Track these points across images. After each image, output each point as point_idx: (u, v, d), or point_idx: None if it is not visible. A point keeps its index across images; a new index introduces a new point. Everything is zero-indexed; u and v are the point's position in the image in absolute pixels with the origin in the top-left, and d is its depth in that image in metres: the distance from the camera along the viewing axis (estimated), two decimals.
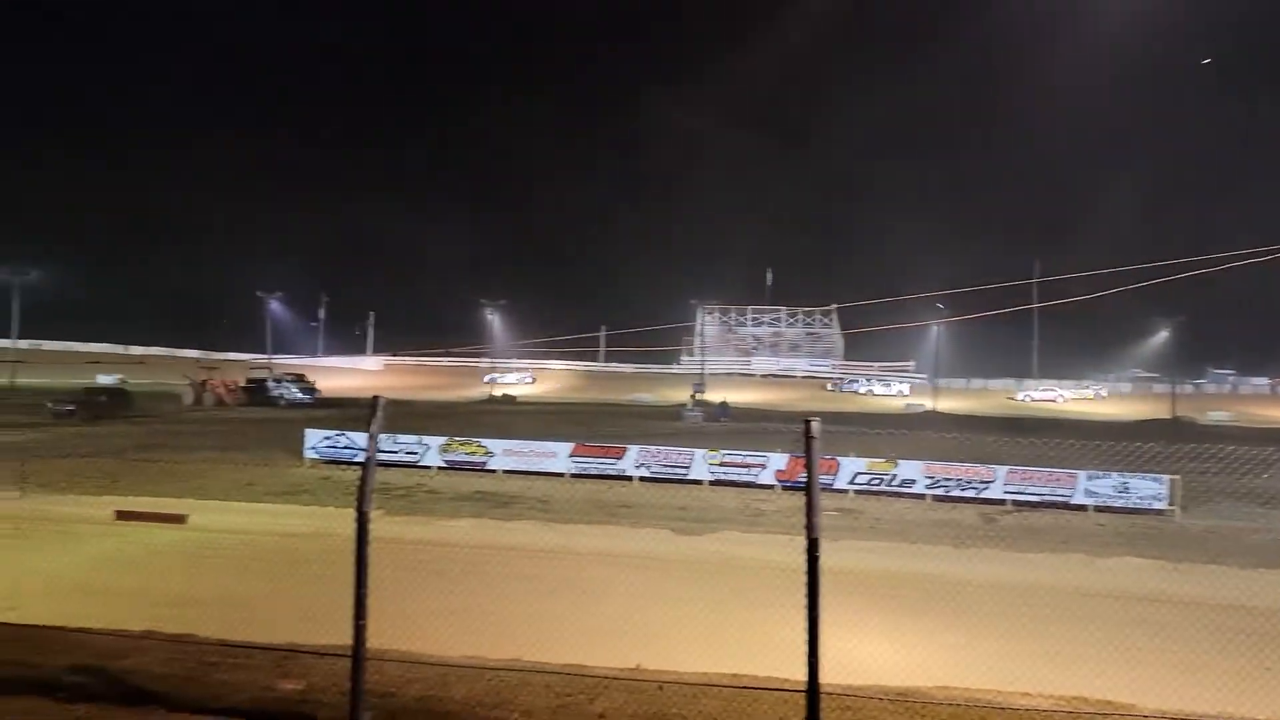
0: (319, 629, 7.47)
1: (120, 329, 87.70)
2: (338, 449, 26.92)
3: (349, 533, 8.33)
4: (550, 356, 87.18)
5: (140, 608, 9.35)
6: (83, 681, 6.57)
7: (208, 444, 31.23)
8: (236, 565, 12.96)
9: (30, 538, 11.09)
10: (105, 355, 76.48)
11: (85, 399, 42.78)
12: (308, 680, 6.47)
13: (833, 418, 6.14)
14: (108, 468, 23.43)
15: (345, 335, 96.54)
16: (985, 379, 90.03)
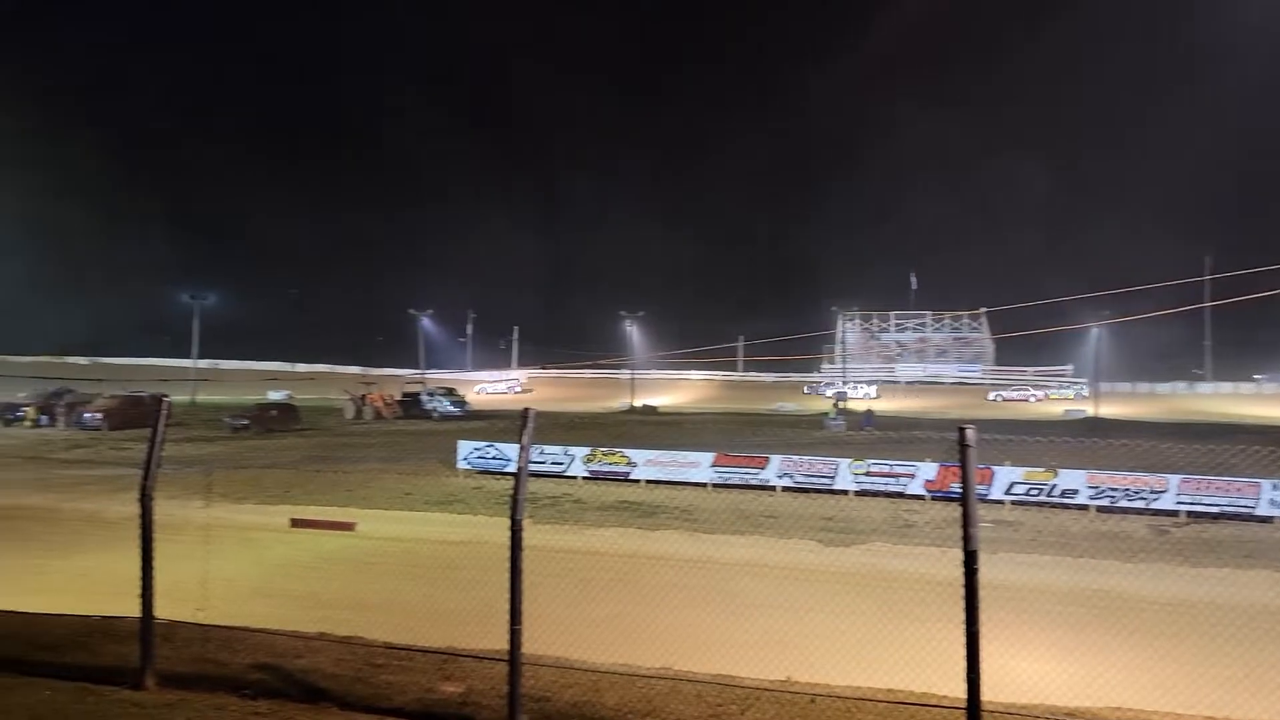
0: (476, 633, 7.75)
1: (288, 348, 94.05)
2: (487, 460, 27.82)
3: (501, 541, 8.60)
4: (689, 367, 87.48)
5: (312, 610, 9.94)
6: (264, 679, 7.04)
7: (369, 455, 32.88)
8: (398, 571, 13.58)
9: (215, 544, 11.97)
10: (275, 373, 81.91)
11: (258, 414, 45.81)
12: (468, 683, 6.72)
13: (984, 425, 5.89)
14: (280, 478, 25.00)
15: (491, 349, 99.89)
16: (1152, 383, 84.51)
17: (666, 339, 79.83)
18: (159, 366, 76.27)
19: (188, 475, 22.40)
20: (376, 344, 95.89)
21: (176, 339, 77.57)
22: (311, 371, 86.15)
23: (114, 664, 7.41)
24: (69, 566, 13.41)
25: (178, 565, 7.89)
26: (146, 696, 6.81)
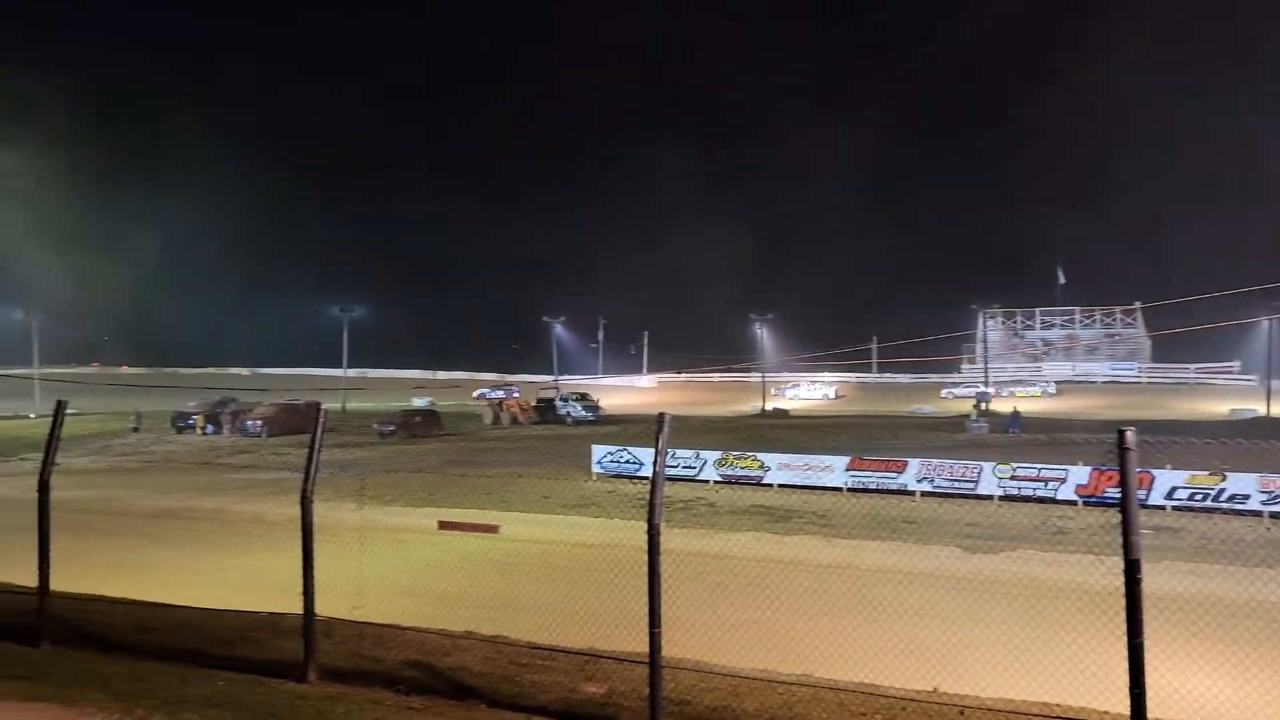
0: (615, 635, 7.86)
1: (430, 356, 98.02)
2: (620, 464, 28.15)
3: (636, 544, 8.67)
4: (821, 369, 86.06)
5: (458, 609, 10.28)
6: (416, 676, 7.35)
7: (507, 460, 33.81)
8: (538, 572, 13.91)
9: (368, 545, 12.57)
10: (418, 380, 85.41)
11: (404, 420, 47.79)
12: (609, 684, 6.81)
13: (1144, 426, 5.53)
14: (425, 482, 26.02)
15: (621, 354, 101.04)
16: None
17: (798, 340, 78.82)
18: (311, 376, 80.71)
19: (340, 479, 23.60)
20: (512, 351, 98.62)
21: (327, 349, 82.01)
22: (452, 379, 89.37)
23: (279, 657, 7.89)
24: (238, 564, 14.35)
25: (334, 565, 8.32)
26: (310, 689, 7.22)
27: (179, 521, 20.42)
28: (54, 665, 8.00)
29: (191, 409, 49.88)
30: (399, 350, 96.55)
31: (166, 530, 19.02)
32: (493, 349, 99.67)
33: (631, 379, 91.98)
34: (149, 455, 38.04)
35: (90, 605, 9.67)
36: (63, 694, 7.27)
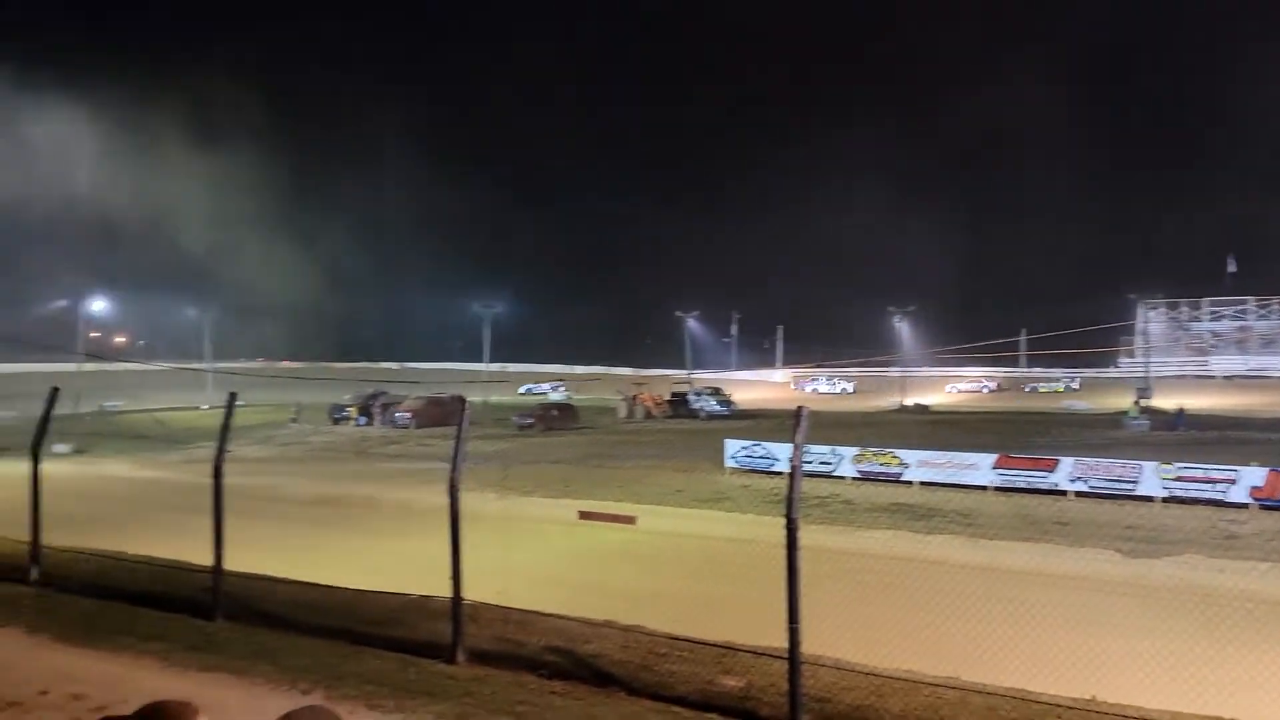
0: (751, 629, 7.82)
1: (567, 351, 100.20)
2: (754, 459, 27.97)
3: (771, 539, 8.59)
4: (965, 364, 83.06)
5: (595, 598, 10.46)
6: (558, 661, 7.53)
7: (641, 453, 34.14)
8: (673, 565, 14.00)
9: (510, 534, 12.97)
10: (556, 375, 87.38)
11: (541, 414, 49.01)
12: (747, 678, 6.79)
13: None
14: (562, 473, 26.59)
15: (755, 349, 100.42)
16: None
17: (939, 334, 76.29)
18: (455, 370, 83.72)
19: (483, 470, 24.38)
20: (645, 346, 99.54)
21: (469, 345, 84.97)
22: (588, 374, 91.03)
23: (429, 638, 8.24)
24: (389, 549, 15.04)
25: (478, 552, 8.61)
26: (458, 670, 7.50)
27: (335, 507, 21.59)
28: (226, 638, 8.60)
29: (346, 402, 52.58)
30: (537, 345, 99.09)
31: (324, 515, 20.13)
32: (627, 344, 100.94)
33: (765, 374, 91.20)
34: (308, 445, 40.35)
35: (257, 583, 10.34)
36: (234, 665, 7.81)
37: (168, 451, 34.85)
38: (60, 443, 33.23)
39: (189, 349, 72.53)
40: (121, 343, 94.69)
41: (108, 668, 7.88)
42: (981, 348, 73.67)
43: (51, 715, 6.74)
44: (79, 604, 10.00)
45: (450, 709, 6.66)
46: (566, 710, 6.57)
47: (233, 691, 7.10)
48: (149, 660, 8.04)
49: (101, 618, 9.40)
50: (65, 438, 34.04)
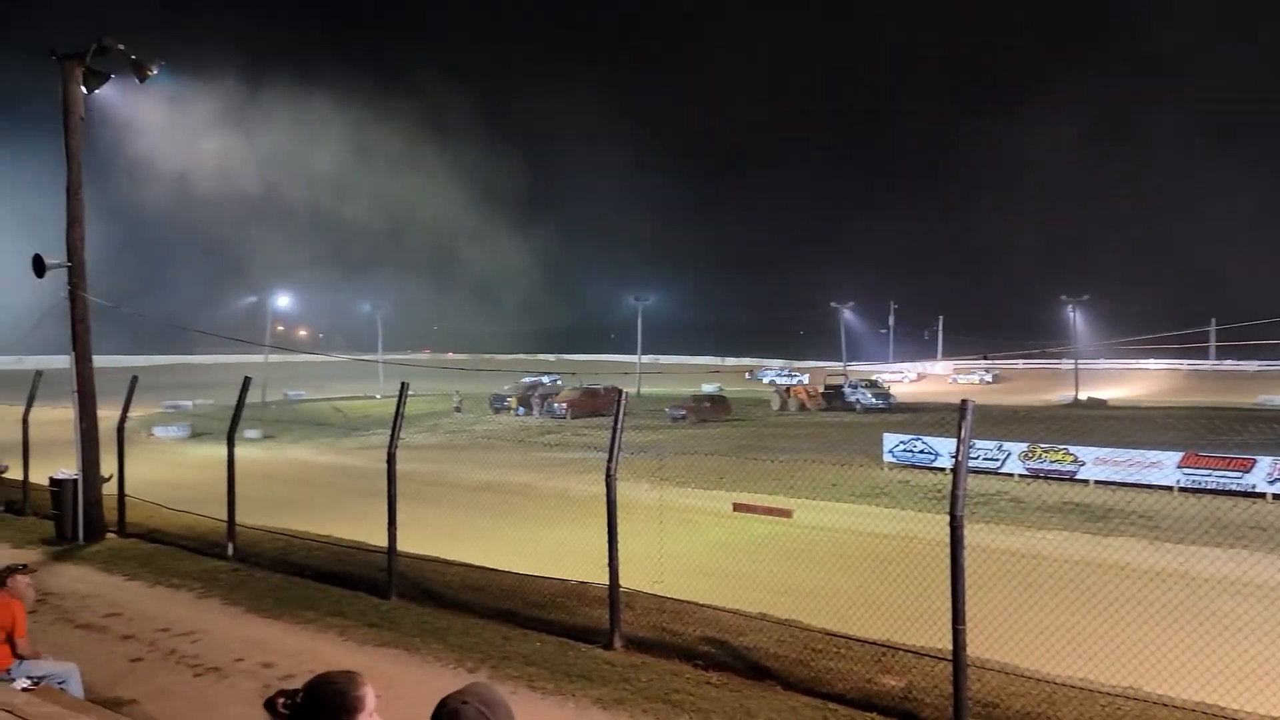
0: (910, 628, 7.60)
1: (718, 343, 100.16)
2: (914, 454, 27.13)
3: (931, 537, 8.30)
4: (1146, 355, 77.60)
5: (748, 591, 10.43)
6: (713, 652, 7.54)
7: (795, 446, 33.72)
8: (827, 560, 13.73)
9: (664, 524, 13.08)
10: (707, 367, 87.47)
11: (694, 405, 49.13)
12: (908, 678, 6.60)
13: None
14: (715, 465, 26.59)
15: (914, 340, 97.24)
16: None
17: (1117, 323, 71.51)
18: (609, 362, 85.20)
19: (636, 460, 24.71)
20: (799, 337, 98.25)
21: (622, 337, 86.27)
22: (739, 365, 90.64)
23: (586, 624, 8.43)
24: (548, 536, 15.46)
25: (633, 541, 8.73)
26: (615, 656, 7.64)
27: (496, 494, 22.39)
28: (400, 616, 9.09)
29: (506, 392, 54.45)
30: (689, 337, 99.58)
31: (487, 501, 20.92)
32: (780, 336, 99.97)
33: (925, 365, 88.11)
34: (470, 433, 42.03)
35: (428, 565, 10.87)
36: (408, 642, 8.24)
37: (345, 438, 37.13)
38: (250, 429, 36.02)
39: (362, 341, 76.93)
40: (303, 335, 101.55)
41: (293, 639, 8.49)
42: (1166, 338, 68.61)
43: (245, 681, 7.31)
44: (268, 579, 10.81)
45: (608, 694, 6.79)
46: (721, 701, 6.57)
47: (406, 668, 7.49)
48: (330, 634, 8.59)
49: (288, 592, 10.13)
50: (254, 424, 36.85)
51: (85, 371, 13.31)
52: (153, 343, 65.42)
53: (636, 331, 73.27)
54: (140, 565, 11.55)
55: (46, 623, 8.68)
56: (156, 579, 10.84)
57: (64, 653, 7.09)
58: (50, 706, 5.23)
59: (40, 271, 12.80)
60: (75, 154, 13.12)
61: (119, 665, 7.72)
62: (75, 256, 13.11)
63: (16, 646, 6.25)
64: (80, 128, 13.15)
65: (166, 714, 6.43)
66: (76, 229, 13.18)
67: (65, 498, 13.12)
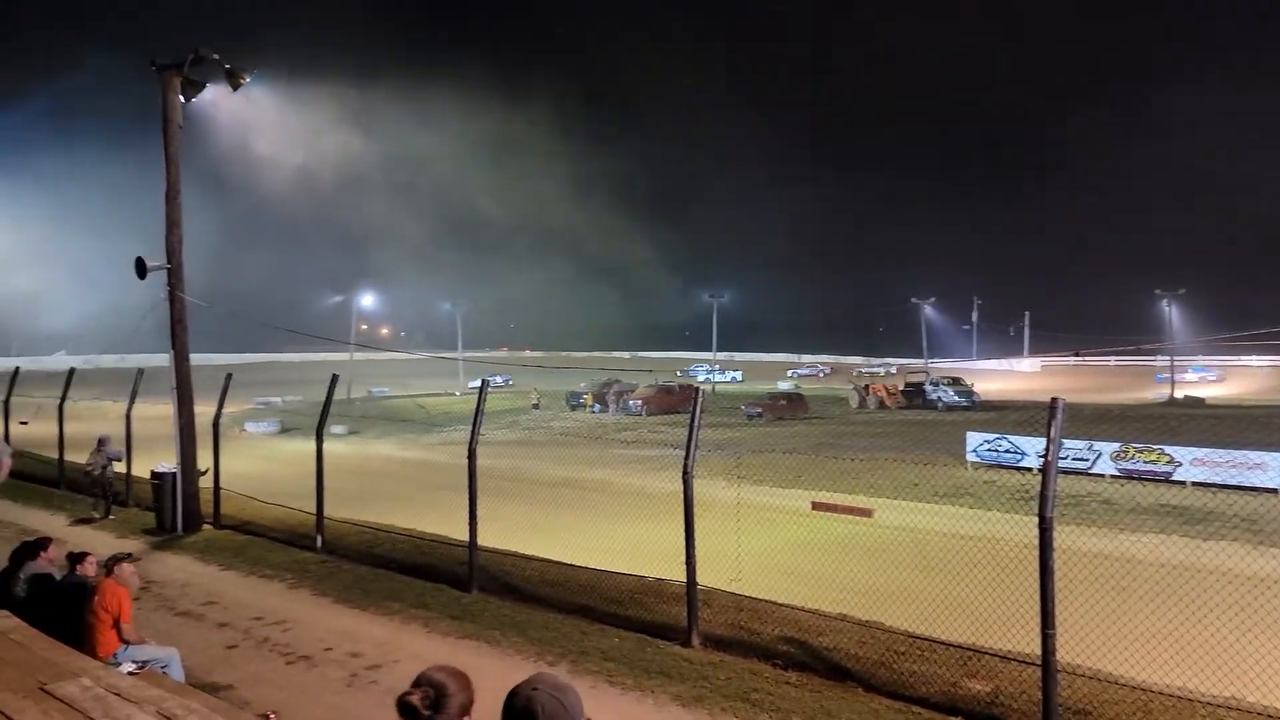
0: (996, 632, 7.41)
1: (795, 340, 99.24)
2: (999, 453, 26.45)
3: (1017, 539, 8.09)
4: (1250, 351, 74.16)
5: (828, 592, 10.29)
6: (792, 651, 7.48)
7: (874, 444, 33.18)
8: (908, 561, 13.51)
9: (741, 523, 13.00)
10: (784, 363, 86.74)
11: (770, 403, 48.75)
12: (994, 683, 6.44)
13: None
14: (791, 463, 26.34)
15: (999, 337, 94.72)
16: None
17: (1217, 319, 68.47)
18: (683, 359, 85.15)
19: (712, 458, 24.63)
20: (878, 334, 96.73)
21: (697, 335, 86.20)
22: (815, 362, 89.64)
23: (664, 621, 8.45)
24: (625, 533, 15.53)
25: (710, 538, 8.71)
26: (693, 654, 7.64)
27: (574, 490, 22.57)
28: (481, 609, 9.24)
29: (582, 389, 54.88)
30: (766, 333, 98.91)
31: (564, 497, 21.11)
32: (858, 332, 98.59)
33: (1010, 362, 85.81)
34: (549, 430, 42.48)
35: (507, 560, 11.03)
36: (488, 635, 8.38)
37: (426, 434, 37.91)
38: (336, 425, 37.05)
39: (441, 339, 78.43)
40: (385, 334, 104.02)
41: (379, 630, 8.71)
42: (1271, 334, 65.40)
43: (334, 670, 7.53)
44: (355, 570, 11.11)
45: (686, 691, 6.79)
46: (801, 701, 6.51)
47: (487, 660, 7.62)
48: (415, 626, 8.79)
49: (373, 584, 10.40)
50: (340, 420, 37.88)
51: (183, 369, 13.87)
52: (244, 341, 67.83)
53: (712, 328, 73.04)
54: (234, 556, 11.99)
55: (149, 610, 9.07)
56: (250, 569, 11.24)
57: (165, 639, 7.41)
58: (154, 690, 5.46)
59: (142, 273, 13.38)
60: (174, 160, 13.67)
61: (216, 652, 8.03)
62: (174, 259, 13.67)
63: (123, 632, 6.55)
64: (178, 135, 13.70)
65: (261, 700, 6.66)
66: (175, 232, 13.74)
67: (165, 490, 13.70)
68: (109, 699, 5.14)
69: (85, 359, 32.77)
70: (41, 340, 69.10)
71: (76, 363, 23.75)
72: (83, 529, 14.00)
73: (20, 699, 5.10)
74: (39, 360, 51.21)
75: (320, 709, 6.68)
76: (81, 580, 7.30)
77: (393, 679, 7.23)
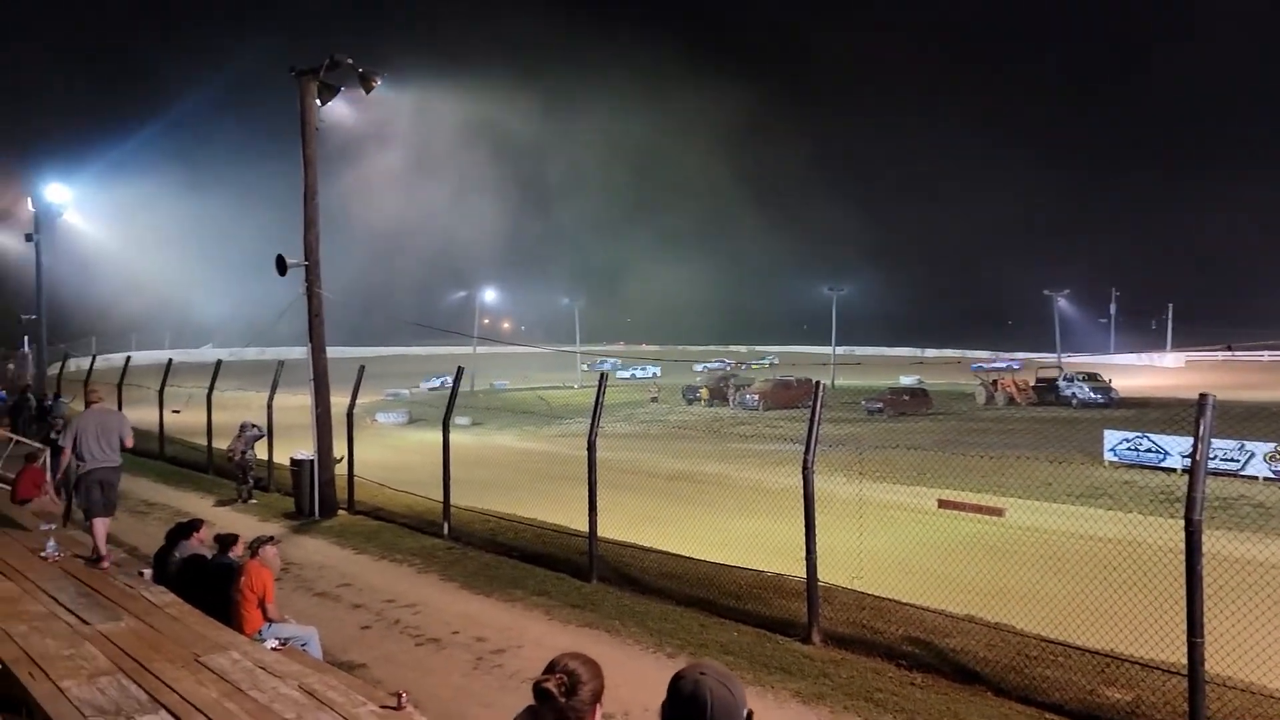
0: (1134, 639, 7.04)
1: (917, 334, 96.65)
2: (1138, 452, 25.12)
3: (1159, 542, 7.66)
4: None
5: (953, 593, 9.98)
6: (916, 652, 7.29)
7: (1002, 442, 31.98)
8: (1039, 563, 12.95)
9: (861, 520, 12.75)
10: (904, 359, 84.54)
11: (891, 398, 47.62)
12: (1135, 692, 6.13)
13: None
14: (914, 460, 25.65)
15: (1139, 330, 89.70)
16: None
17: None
18: (801, 353, 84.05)
19: (831, 454, 24.18)
20: (1006, 328, 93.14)
21: (815, 328, 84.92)
22: (941, 357, 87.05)
23: (783, 616, 8.37)
24: (742, 527, 15.45)
25: (829, 535, 8.57)
26: (814, 650, 7.54)
27: (690, 484, 22.60)
28: (601, 599, 9.37)
29: (698, 383, 54.90)
30: (888, 328, 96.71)
31: (681, 490, 21.16)
32: (987, 326, 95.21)
33: (1151, 357, 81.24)
34: (665, 423, 42.66)
35: (625, 551, 11.14)
36: (609, 624, 8.49)
37: (546, 425, 38.64)
38: (460, 416, 38.22)
39: (558, 333, 79.85)
40: (505, 328, 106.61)
41: (503, 616, 8.94)
42: None
43: (460, 653, 7.77)
44: (479, 557, 11.44)
45: (807, 688, 6.72)
46: (926, 703, 6.35)
47: (607, 649, 7.72)
48: (537, 613, 8.99)
49: (497, 571, 10.68)
50: (463, 412, 39.01)
51: (320, 361, 14.55)
52: (375, 335, 70.74)
53: (831, 322, 71.80)
54: (367, 540, 12.53)
55: (289, 590, 9.57)
56: (382, 553, 11.72)
57: (304, 618, 7.80)
58: (296, 665, 5.77)
59: (282, 270, 14.11)
60: (311, 161, 14.35)
61: (351, 631, 8.41)
62: (311, 256, 14.35)
63: (267, 610, 6.94)
64: (315, 137, 14.37)
65: (393, 679, 6.94)
66: (312, 231, 14.43)
67: (303, 476, 14.43)
68: (256, 672, 5.46)
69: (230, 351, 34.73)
70: (190, 333, 73.77)
71: (223, 355, 25.24)
72: (227, 511, 14.89)
73: (177, 668, 5.47)
74: (189, 352, 54.68)
75: (447, 690, 6.91)
76: (229, 561, 7.77)
77: (517, 663, 7.41)
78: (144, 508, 14.65)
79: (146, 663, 5.51)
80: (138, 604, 7.03)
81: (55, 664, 5.39)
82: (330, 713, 4.81)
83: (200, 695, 4.99)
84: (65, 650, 5.68)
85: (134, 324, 67.43)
